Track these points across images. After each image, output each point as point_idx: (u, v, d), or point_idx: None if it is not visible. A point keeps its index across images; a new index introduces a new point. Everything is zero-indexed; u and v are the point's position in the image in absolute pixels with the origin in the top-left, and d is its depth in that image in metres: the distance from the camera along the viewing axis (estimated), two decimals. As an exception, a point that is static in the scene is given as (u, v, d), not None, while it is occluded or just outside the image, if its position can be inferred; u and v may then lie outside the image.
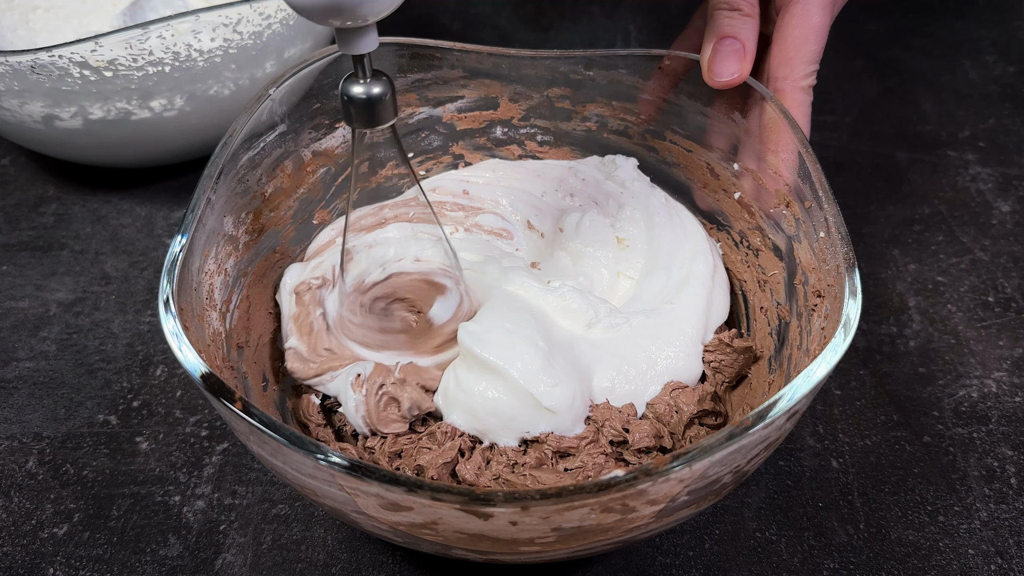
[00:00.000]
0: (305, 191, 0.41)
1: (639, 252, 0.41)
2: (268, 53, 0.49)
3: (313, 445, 0.24)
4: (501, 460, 0.33)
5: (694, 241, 0.40)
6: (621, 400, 0.35)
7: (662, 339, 0.36)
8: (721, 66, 0.35)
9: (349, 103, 0.28)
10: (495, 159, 0.46)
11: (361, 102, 0.28)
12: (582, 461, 0.33)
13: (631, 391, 0.35)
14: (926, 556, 0.35)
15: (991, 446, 0.39)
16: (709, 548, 0.36)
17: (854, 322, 0.27)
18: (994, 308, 0.46)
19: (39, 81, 0.44)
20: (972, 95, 0.61)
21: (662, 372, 0.36)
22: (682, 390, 0.35)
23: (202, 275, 0.32)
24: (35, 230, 0.52)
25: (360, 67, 0.28)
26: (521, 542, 0.26)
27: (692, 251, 0.40)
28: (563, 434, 0.33)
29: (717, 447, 0.24)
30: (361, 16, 0.25)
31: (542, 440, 0.33)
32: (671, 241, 0.40)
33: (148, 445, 0.40)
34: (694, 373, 0.36)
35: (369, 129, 0.29)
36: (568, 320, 0.37)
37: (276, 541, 0.36)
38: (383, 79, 0.28)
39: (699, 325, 0.37)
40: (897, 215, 0.52)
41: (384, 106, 0.29)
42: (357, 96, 0.28)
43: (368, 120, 0.29)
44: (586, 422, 0.34)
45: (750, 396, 0.36)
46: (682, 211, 0.42)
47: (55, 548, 0.36)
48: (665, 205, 0.42)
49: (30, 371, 0.44)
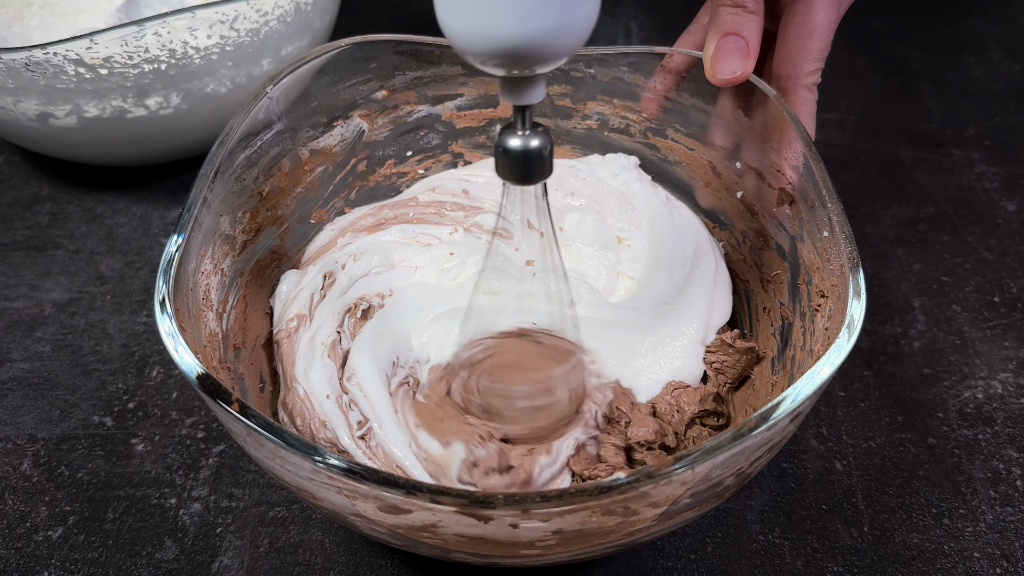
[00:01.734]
0: (303, 190, 0.40)
1: (640, 252, 0.41)
2: (265, 50, 0.48)
3: (311, 447, 0.24)
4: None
5: (696, 241, 0.40)
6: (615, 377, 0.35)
7: (661, 337, 0.36)
8: (724, 63, 0.35)
9: (504, 156, 0.27)
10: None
11: (517, 156, 0.26)
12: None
13: (627, 375, 0.35)
14: (931, 559, 0.35)
15: (997, 448, 0.39)
16: (711, 551, 0.35)
17: (858, 322, 0.27)
18: (1000, 308, 0.46)
19: (34, 79, 0.44)
20: (977, 93, 0.61)
21: (662, 371, 0.35)
22: (683, 390, 0.35)
23: (198, 275, 0.32)
24: (29, 229, 0.52)
25: (521, 118, 0.26)
26: (521, 545, 0.26)
27: (694, 251, 0.39)
28: None
29: (720, 449, 0.24)
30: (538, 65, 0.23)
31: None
32: (673, 241, 0.40)
33: (144, 447, 0.40)
34: (695, 373, 0.36)
35: (522, 185, 0.27)
36: (552, 303, 0.36)
37: (273, 544, 0.36)
38: (542, 132, 0.26)
39: (700, 326, 0.37)
40: (901, 214, 0.51)
41: (541, 163, 0.27)
42: (514, 149, 0.26)
43: (521, 176, 0.27)
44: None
45: (753, 397, 0.36)
46: (684, 210, 0.42)
47: (50, 551, 0.36)
48: (666, 204, 0.41)
49: (24, 372, 0.43)
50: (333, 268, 0.40)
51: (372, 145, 0.43)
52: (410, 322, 0.38)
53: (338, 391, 0.35)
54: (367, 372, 0.35)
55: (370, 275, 0.40)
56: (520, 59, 0.23)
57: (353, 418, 0.34)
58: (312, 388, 0.35)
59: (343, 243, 0.42)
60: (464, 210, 0.44)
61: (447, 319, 0.37)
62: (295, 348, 0.36)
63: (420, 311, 0.38)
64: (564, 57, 0.23)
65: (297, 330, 0.37)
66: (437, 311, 0.38)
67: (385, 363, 0.36)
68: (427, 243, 0.42)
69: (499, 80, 0.25)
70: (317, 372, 0.35)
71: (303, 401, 0.34)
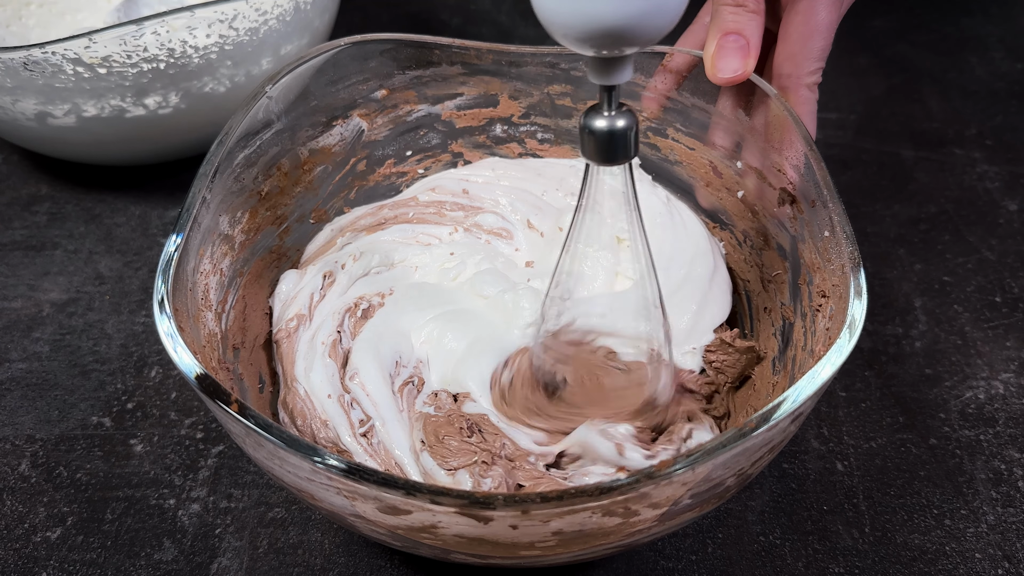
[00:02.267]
0: (302, 190, 0.40)
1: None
2: (264, 50, 0.48)
3: (310, 447, 0.24)
4: None
5: (695, 241, 0.40)
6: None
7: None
8: (724, 62, 0.35)
9: (589, 136, 0.27)
10: (495, 157, 0.45)
11: (603, 136, 0.26)
12: None
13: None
14: (932, 560, 0.35)
15: (998, 448, 0.39)
16: (712, 552, 0.35)
17: (859, 323, 0.27)
18: (1001, 308, 0.45)
19: (32, 78, 0.43)
20: (979, 92, 0.61)
21: None
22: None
23: (197, 275, 0.32)
24: (28, 229, 0.52)
25: (607, 98, 0.26)
26: (521, 546, 0.26)
27: (692, 252, 0.39)
28: None
29: (720, 449, 0.24)
30: (628, 44, 0.23)
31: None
32: (671, 241, 0.40)
33: (142, 447, 0.39)
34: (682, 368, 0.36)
35: (606, 165, 0.28)
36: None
37: (272, 545, 0.36)
38: (627, 113, 0.26)
39: (686, 329, 0.37)
40: (903, 214, 0.51)
41: (626, 143, 0.27)
42: (599, 129, 0.26)
43: (605, 156, 0.27)
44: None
45: (754, 398, 0.36)
46: (684, 210, 0.42)
47: (48, 552, 0.36)
48: (666, 204, 0.41)
49: (23, 372, 0.43)
50: (333, 268, 0.40)
51: (372, 144, 0.43)
52: (411, 321, 0.38)
53: (340, 390, 0.35)
54: (370, 371, 0.35)
55: (370, 275, 0.40)
56: (617, 39, 0.23)
57: (355, 417, 0.34)
58: (313, 388, 0.34)
59: (343, 243, 0.42)
60: (464, 210, 0.43)
61: (445, 320, 0.37)
62: (295, 348, 0.36)
63: (422, 310, 0.38)
64: (659, 36, 0.24)
65: (297, 330, 0.37)
66: (437, 311, 0.38)
67: (388, 362, 0.36)
68: (427, 243, 0.42)
69: (587, 60, 0.25)
70: (318, 372, 0.35)
71: (304, 401, 0.34)
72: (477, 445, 0.32)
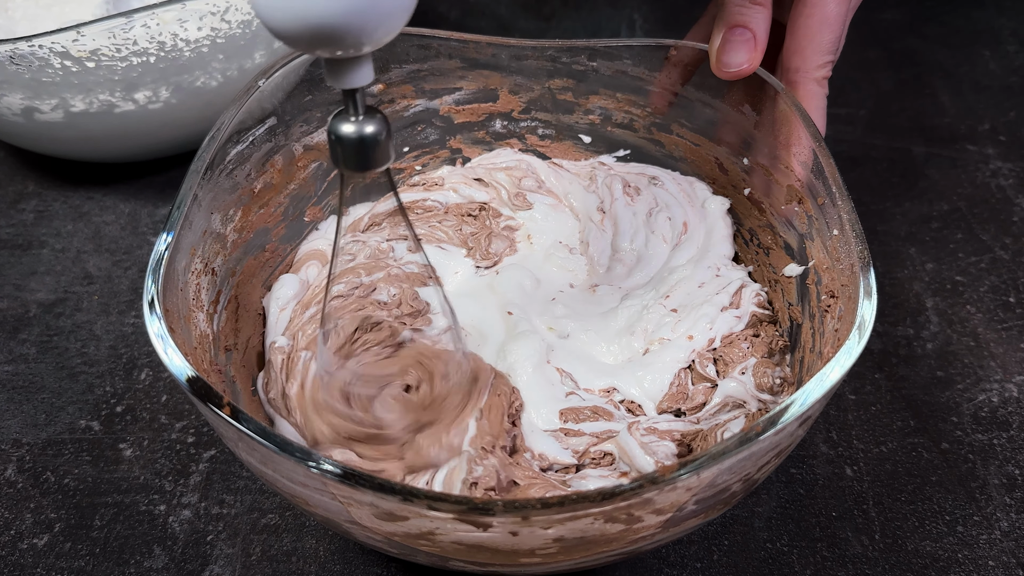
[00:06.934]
0: (296, 187, 0.40)
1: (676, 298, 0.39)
2: (257, 43, 0.48)
3: (304, 452, 0.24)
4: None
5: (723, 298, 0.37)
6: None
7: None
8: (730, 56, 0.35)
9: (338, 143, 0.25)
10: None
11: (352, 143, 0.25)
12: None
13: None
14: (944, 568, 0.34)
15: (1012, 453, 0.38)
16: (718, 559, 0.35)
17: (869, 323, 0.26)
18: (1015, 309, 0.45)
19: (18, 72, 0.43)
20: (992, 86, 0.60)
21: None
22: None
23: (188, 274, 0.31)
24: (14, 227, 0.51)
25: (352, 103, 0.24)
26: (522, 553, 0.25)
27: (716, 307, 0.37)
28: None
29: (726, 454, 0.23)
30: (353, 45, 0.22)
31: None
32: (703, 296, 0.37)
33: (132, 452, 0.39)
34: None
35: (360, 174, 0.26)
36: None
37: (266, 552, 0.35)
38: (377, 117, 0.25)
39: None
40: (914, 212, 0.51)
41: (379, 148, 0.25)
42: (348, 136, 0.25)
43: (359, 163, 0.26)
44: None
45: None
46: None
47: (35, 559, 0.35)
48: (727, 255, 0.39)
49: (9, 375, 0.43)
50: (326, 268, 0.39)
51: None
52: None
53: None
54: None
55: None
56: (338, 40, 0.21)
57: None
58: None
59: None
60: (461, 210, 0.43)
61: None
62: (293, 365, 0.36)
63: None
64: (387, 35, 0.22)
65: (293, 346, 0.36)
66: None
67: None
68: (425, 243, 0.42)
69: (322, 62, 0.23)
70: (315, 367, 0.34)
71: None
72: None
